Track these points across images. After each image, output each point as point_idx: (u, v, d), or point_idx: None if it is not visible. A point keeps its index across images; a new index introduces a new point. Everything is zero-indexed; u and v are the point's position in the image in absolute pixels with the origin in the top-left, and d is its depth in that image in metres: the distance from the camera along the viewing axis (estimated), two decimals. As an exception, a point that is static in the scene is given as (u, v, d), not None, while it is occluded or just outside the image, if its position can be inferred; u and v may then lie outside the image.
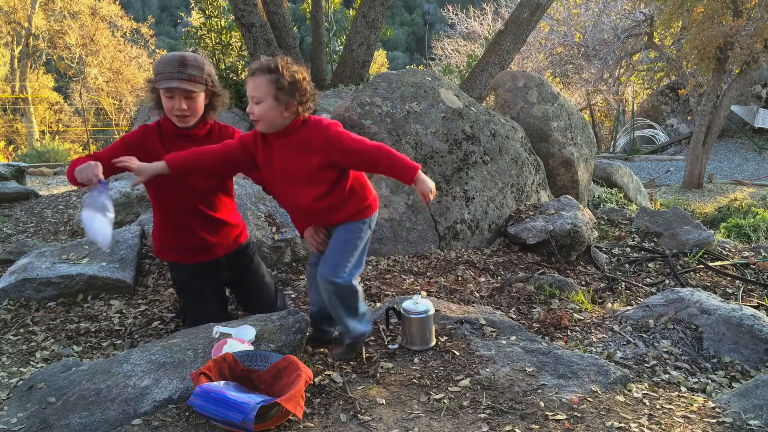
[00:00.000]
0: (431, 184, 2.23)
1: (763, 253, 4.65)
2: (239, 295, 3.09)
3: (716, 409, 2.18)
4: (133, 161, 2.31)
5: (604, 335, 2.95)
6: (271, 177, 2.40)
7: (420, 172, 2.22)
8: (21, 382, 2.44)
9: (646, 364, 2.64)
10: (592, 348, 2.82)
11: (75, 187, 4.73)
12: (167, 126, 2.61)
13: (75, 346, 2.99)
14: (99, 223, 2.25)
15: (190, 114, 2.54)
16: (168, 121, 2.60)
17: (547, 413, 2.08)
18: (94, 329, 3.15)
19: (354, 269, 2.38)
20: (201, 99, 2.55)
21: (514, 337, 2.69)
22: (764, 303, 3.71)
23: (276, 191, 2.54)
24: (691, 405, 2.23)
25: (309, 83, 2.24)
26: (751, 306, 3.39)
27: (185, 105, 2.50)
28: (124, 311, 3.36)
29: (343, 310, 2.40)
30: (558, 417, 2.06)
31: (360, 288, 2.44)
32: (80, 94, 17.01)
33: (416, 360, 2.49)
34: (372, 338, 2.70)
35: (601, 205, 6.44)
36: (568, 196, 4.99)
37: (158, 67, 2.50)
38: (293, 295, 3.54)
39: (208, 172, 2.49)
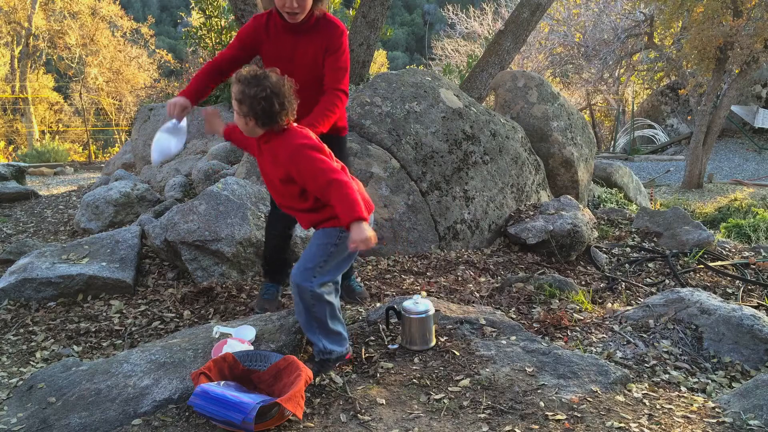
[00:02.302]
0: (366, 235, 2.07)
1: (763, 253, 4.65)
2: None
3: (716, 409, 2.18)
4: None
5: (604, 335, 2.94)
6: (262, 174, 2.45)
7: (362, 223, 2.09)
8: (21, 382, 2.44)
9: (646, 364, 2.64)
10: (592, 348, 2.82)
11: (75, 189, 4.72)
12: (276, 19, 2.73)
13: (75, 346, 2.99)
14: (165, 142, 2.51)
15: (300, 11, 2.62)
16: (277, 15, 2.71)
17: (547, 413, 2.08)
18: (94, 329, 3.15)
19: (325, 276, 2.30)
20: None
21: (514, 337, 2.69)
22: (764, 303, 3.71)
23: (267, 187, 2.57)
24: (691, 405, 2.22)
25: (277, 104, 2.15)
26: (751, 306, 3.39)
27: (296, 3, 2.58)
28: (124, 311, 3.36)
29: (307, 319, 2.32)
30: (558, 417, 2.06)
31: (334, 302, 2.35)
32: (80, 94, 16.97)
33: (416, 360, 2.49)
34: (372, 338, 2.70)
35: (601, 205, 6.43)
36: (568, 196, 4.99)
37: None
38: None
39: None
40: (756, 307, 3.49)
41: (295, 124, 2.31)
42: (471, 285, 3.73)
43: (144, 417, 2.08)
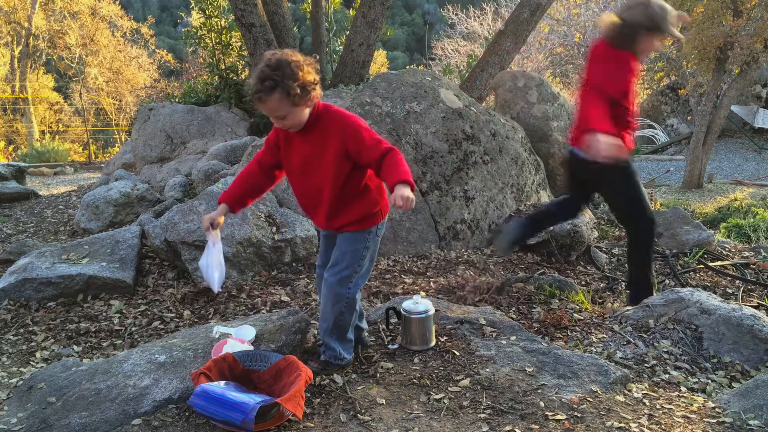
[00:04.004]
0: (409, 194, 2.03)
1: (763, 253, 4.64)
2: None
3: (716, 409, 2.18)
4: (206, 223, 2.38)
5: (604, 335, 2.94)
6: (290, 170, 2.38)
7: (407, 184, 2.06)
8: (21, 382, 2.44)
9: (646, 364, 2.64)
10: (592, 348, 2.82)
11: (75, 189, 4.68)
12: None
13: (75, 346, 2.99)
14: (210, 263, 2.37)
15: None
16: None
17: (547, 413, 2.08)
18: (94, 329, 3.15)
19: (361, 280, 2.36)
20: None
21: (514, 337, 2.69)
22: (764, 303, 3.71)
23: (293, 184, 2.47)
24: (691, 405, 2.22)
25: (308, 67, 2.12)
26: (751, 306, 3.39)
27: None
28: (124, 311, 3.36)
29: (333, 324, 2.34)
30: (558, 417, 2.06)
31: (359, 308, 2.40)
32: (80, 94, 16.97)
33: (416, 360, 2.49)
34: (372, 338, 2.70)
35: (601, 205, 6.43)
36: (568, 196, 4.99)
37: (665, 13, 2.87)
38: (291, 296, 3.54)
39: (261, 189, 2.47)
40: (756, 307, 3.48)
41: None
42: (471, 285, 3.72)
43: (144, 417, 2.08)
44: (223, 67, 7.61)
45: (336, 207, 2.30)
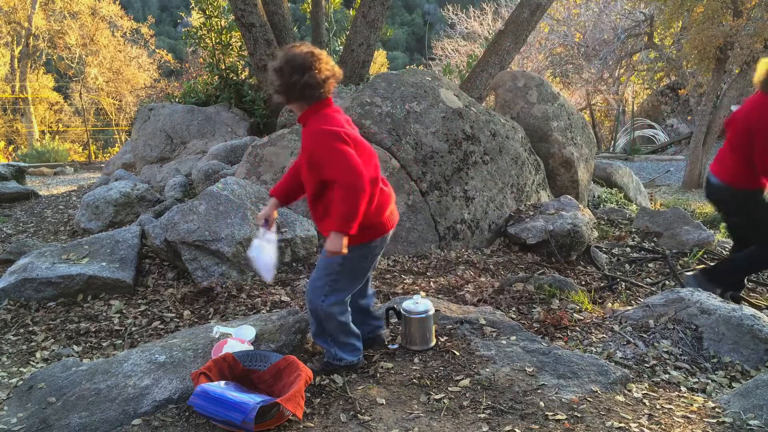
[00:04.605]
0: (337, 249, 2.07)
1: (763, 253, 4.64)
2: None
3: (716, 409, 2.18)
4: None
5: (604, 335, 2.94)
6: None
7: (341, 236, 2.06)
8: (21, 382, 2.44)
9: (646, 364, 2.64)
10: (592, 348, 2.82)
11: (75, 189, 4.66)
12: None
13: (75, 346, 2.99)
14: (261, 256, 2.34)
15: None
16: None
17: (547, 413, 2.08)
18: (94, 329, 3.15)
19: (337, 294, 2.28)
20: None
21: (514, 337, 2.69)
22: (761, 302, 3.71)
23: None
24: (691, 405, 2.22)
25: (309, 75, 2.09)
26: (752, 306, 3.39)
27: None
28: (124, 311, 3.36)
29: (318, 327, 2.35)
30: (558, 417, 2.06)
31: (346, 320, 2.33)
32: (80, 94, 16.95)
33: (416, 360, 2.49)
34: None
35: (601, 205, 6.43)
36: (568, 196, 4.99)
37: None
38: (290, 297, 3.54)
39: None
40: (758, 308, 3.48)
41: (336, 108, 2.25)
42: (471, 285, 3.72)
43: (144, 417, 2.08)
44: (223, 67, 7.61)
45: (316, 212, 2.31)
